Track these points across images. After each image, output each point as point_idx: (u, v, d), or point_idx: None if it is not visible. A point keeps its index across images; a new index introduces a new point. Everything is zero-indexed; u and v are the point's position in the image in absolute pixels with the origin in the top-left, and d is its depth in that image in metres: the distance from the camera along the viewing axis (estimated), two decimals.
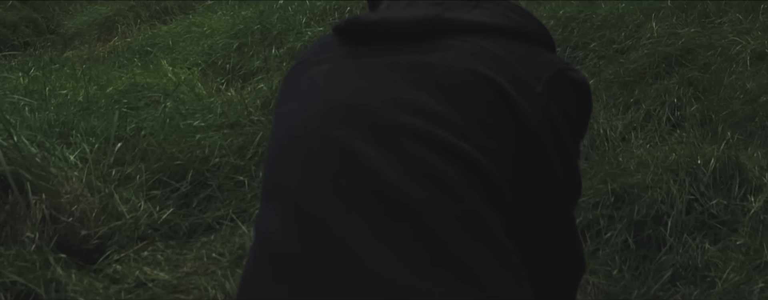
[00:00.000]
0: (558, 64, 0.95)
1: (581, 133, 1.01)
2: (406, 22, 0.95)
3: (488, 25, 0.95)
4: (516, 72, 0.90)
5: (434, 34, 0.94)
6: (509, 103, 0.88)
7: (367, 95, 0.91)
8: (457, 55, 0.91)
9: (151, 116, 3.02)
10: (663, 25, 3.64)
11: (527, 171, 0.90)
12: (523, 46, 0.94)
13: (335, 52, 1.01)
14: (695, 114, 3.05)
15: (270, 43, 3.97)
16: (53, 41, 5.94)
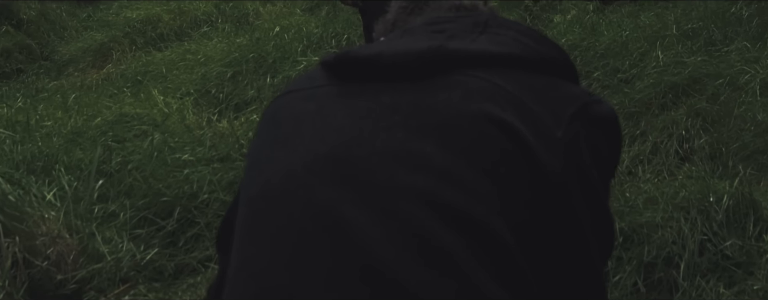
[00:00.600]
0: (580, 97, 0.82)
1: (612, 171, 0.88)
2: (404, 55, 0.84)
3: (498, 55, 0.84)
4: (533, 113, 0.78)
5: (437, 68, 0.83)
6: (526, 152, 0.76)
7: (360, 145, 0.79)
8: (464, 94, 0.80)
9: (139, 149, 2.90)
10: (668, 54, 3.54)
11: (549, 229, 0.77)
12: (539, 79, 0.83)
13: (324, 88, 0.90)
14: (704, 147, 2.93)
15: (265, 72, 3.87)
16: (47, 68, 5.83)
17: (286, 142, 0.85)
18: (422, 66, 0.83)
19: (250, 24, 5.57)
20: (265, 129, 0.92)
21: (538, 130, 0.77)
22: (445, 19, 0.93)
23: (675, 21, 3.97)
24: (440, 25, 0.90)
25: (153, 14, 5.84)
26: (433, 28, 0.90)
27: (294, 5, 6.00)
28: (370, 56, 0.87)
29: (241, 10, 5.84)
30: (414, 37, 0.90)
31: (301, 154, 0.82)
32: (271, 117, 0.92)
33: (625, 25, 4.05)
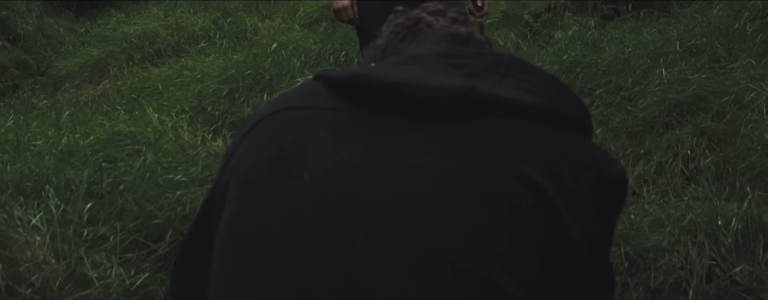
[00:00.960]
0: (599, 160, 0.82)
1: (615, 224, 0.88)
2: (436, 91, 0.78)
3: (530, 106, 0.80)
4: (561, 176, 0.76)
5: (467, 111, 0.79)
6: (553, 216, 0.74)
7: (382, 190, 0.73)
8: (500, 148, 0.76)
9: (131, 169, 2.83)
10: (672, 71, 3.48)
11: (557, 287, 0.75)
12: (566, 137, 0.81)
13: (335, 113, 0.83)
14: (710, 167, 2.86)
15: (262, 89, 3.81)
16: (43, 84, 5.78)
17: (293, 174, 0.78)
18: (452, 106, 0.79)
19: (248, 40, 5.52)
20: (263, 146, 0.83)
21: (564, 196, 0.75)
22: (462, 54, 0.87)
23: (678, 37, 3.91)
24: (458, 59, 0.85)
25: (150, 30, 5.80)
26: (449, 61, 0.84)
27: (293, 21, 5.96)
28: (394, 85, 0.81)
29: (240, 25, 5.80)
30: (427, 66, 0.83)
31: (312, 195, 0.74)
32: (271, 134, 0.83)
33: (627, 42, 3.99)
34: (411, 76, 0.82)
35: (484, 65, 0.84)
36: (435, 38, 1.00)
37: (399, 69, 0.85)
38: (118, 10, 7.39)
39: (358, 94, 0.83)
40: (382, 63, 0.92)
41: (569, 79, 3.69)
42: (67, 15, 7.32)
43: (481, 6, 2.78)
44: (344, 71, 0.89)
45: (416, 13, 1.05)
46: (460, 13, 1.06)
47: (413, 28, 1.03)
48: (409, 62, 0.87)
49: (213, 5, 6.53)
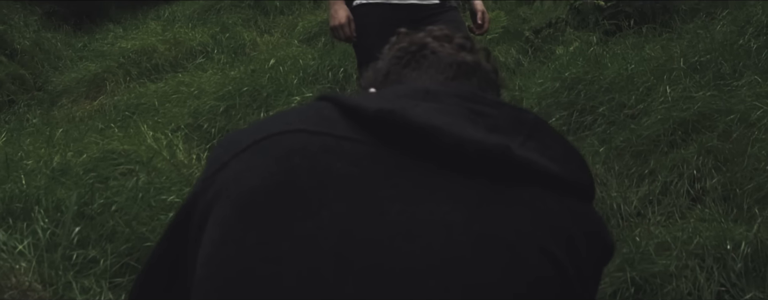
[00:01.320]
0: (603, 231, 0.82)
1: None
2: (471, 144, 0.74)
3: (554, 176, 0.77)
4: (576, 248, 0.76)
5: (496, 170, 0.75)
6: (568, 289, 0.74)
7: (412, 249, 0.67)
8: (529, 220, 0.73)
9: (124, 189, 2.76)
10: (676, 88, 3.42)
11: None
12: (581, 208, 0.80)
13: (352, 143, 0.75)
14: (717, 187, 2.79)
15: (259, 106, 3.75)
16: (39, 99, 5.73)
17: (309, 210, 0.69)
18: (482, 161, 0.74)
19: (246, 55, 5.47)
20: (269, 168, 0.74)
21: (576, 266, 0.75)
22: (482, 100, 0.82)
23: (681, 53, 3.85)
24: (478, 105, 0.80)
25: (148, 44, 5.76)
26: (469, 106, 0.79)
27: (291, 36, 5.92)
28: (425, 129, 0.75)
29: (238, 40, 5.75)
30: (446, 108, 0.78)
31: (331, 238, 0.67)
32: (280, 156, 0.75)
33: (629, 58, 3.93)
34: (442, 121, 0.76)
35: (507, 119, 0.79)
36: (440, 66, 0.94)
37: (422, 108, 0.78)
38: (117, 25, 7.37)
39: (381, 129, 0.76)
40: (390, 92, 0.84)
41: (571, 96, 3.64)
42: (65, 29, 7.28)
43: (481, 23, 2.72)
44: (362, 100, 0.80)
45: (421, 37, 0.99)
46: (466, 39, 1.00)
47: (417, 54, 0.97)
48: (424, 98, 0.80)
49: (211, 20, 6.50)
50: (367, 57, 2.71)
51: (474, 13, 2.77)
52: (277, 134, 0.77)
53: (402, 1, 2.66)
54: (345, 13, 2.59)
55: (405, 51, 0.98)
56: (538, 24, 5.22)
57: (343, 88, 3.99)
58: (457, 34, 1.01)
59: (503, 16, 4.99)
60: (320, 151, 0.74)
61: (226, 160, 0.78)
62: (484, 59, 0.99)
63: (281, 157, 0.75)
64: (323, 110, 0.81)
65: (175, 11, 7.15)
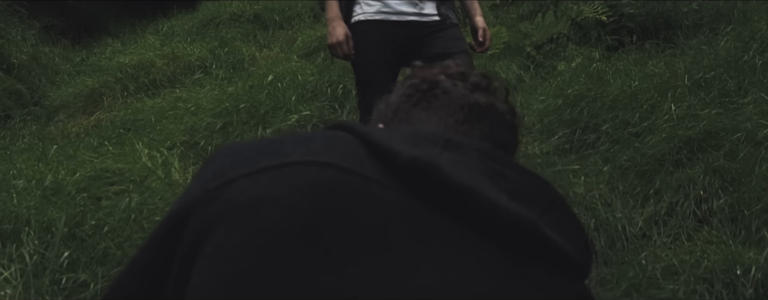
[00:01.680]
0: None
1: None
2: (504, 212, 0.69)
3: (569, 257, 0.73)
4: None
5: (521, 242, 0.70)
6: None
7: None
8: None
9: (116, 210, 2.69)
10: (680, 106, 3.36)
11: None
12: (584, 291, 0.76)
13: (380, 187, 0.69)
14: (724, 208, 2.72)
15: (256, 123, 3.69)
16: (36, 114, 5.67)
17: (334, 264, 0.64)
18: (508, 231, 0.70)
19: (245, 70, 5.43)
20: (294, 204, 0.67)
21: None
22: (505, 162, 0.77)
23: (685, 70, 3.79)
24: (501, 168, 0.75)
25: (146, 59, 5.71)
26: (491, 166, 0.74)
27: (291, 50, 5.87)
28: (463, 188, 0.70)
29: (237, 55, 5.71)
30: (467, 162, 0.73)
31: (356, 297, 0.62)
32: (307, 193, 0.67)
33: (633, 74, 3.88)
34: (473, 181, 0.71)
35: (528, 189, 0.74)
36: (450, 108, 0.89)
37: (448, 160, 0.72)
38: (115, 39, 7.34)
39: (412, 179, 0.70)
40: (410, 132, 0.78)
41: (574, 114, 3.58)
42: (64, 44, 7.25)
43: (482, 41, 2.66)
44: (389, 140, 0.74)
45: (434, 74, 0.93)
46: (482, 77, 0.93)
47: (428, 94, 0.91)
48: (446, 147, 0.75)
49: (210, 35, 6.46)
50: (366, 75, 2.67)
51: (475, 30, 2.70)
52: (303, 164, 0.70)
53: (401, 17, 2.60)
54: (343, 30, 2.53)
55: (416, 88, 0.93)
56: (540, 39, 5.17)
57: (341, 105, 3.94)
58: (473, 72, 0.95)
59: (504, 31, 4.94)
60: (351, 194, 0.68)
61: (234, 177, 0.70)
62: (500, 100, 0.93)
63: (309, 193, 0.68)
64: (348, 144, 0.75)
65: (173, 26, 7.12)
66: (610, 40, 4.73)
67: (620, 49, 4.64)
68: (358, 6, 2.63)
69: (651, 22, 4.86)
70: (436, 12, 2.64)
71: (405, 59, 2.67)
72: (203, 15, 7.09)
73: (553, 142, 3.46)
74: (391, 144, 0.72)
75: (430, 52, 2.59)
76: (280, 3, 7.00)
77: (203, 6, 7.54)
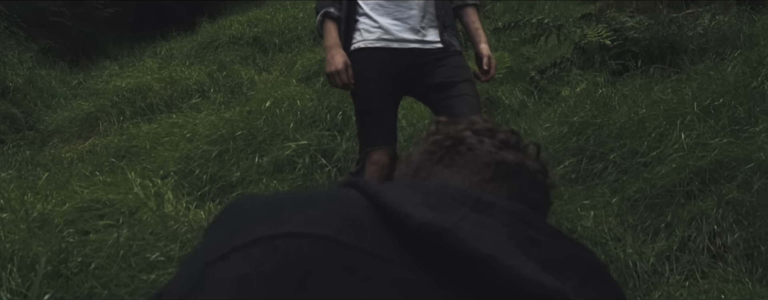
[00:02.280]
0: None
1: None
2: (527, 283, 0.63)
3: None
4: None
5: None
6: None
7: None
8: None
9: (104, 245, 2.58)
10: (690, 134, 3.26)
11: None
12: None
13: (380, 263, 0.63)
14: (739, 243, 2.61)
15: (253, 151, 3.59)
16: (31, 138, 5.58)
17: None
18: None
19: (243, 94, 5.34)
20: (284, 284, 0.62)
21: None
22: (541, 227, 0.71)
23: (693, 96, 3.70)
24: (535, 233, 0.69)
25: (143, 83, 5.63)
26: (523, 230, 0.69)
27: (290, 74, 5.79)
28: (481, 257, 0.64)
29: (235, 79, 5.63)
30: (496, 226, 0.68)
31: None
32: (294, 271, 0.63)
33: (639, 101, 3.78)
34: (495, 247, 0.64)
35: (563, 256, 0.68)
36: (476, 166, 0.83)
37: (471, 222, 0.66)
38: (113, 62, 7.27)
39: (422, 247, 0.64)
40: (437, 189, 0.71)
41: (580, 142, 3.48)
42: (61, 66, 7.18)
43: (487, 69, 2.56)
44: (403, 200, 0.67)
45: (459, 130, 0.88)
46: (511, 134, 0.87)
47: (451, 150, 0.85)
48: (474, 207, 0.68)
49: (209, 58, 6.39)
50: (366, 105, 2.56)
51: (480, 58, 2.60)
52: (296, 236, 0.65)
53: (403, 45, 2.50)
54: (342, 58, 2.43)
55: (439, 145, 0.87)
56: (543, 63, 5.10)
57: (341, 132, 3.84)
58: (502, 128, 0.89)
59: (507, 56, 4.86)
60: (343, 271, 0.62)
61: (229, 250, 0.66)
62: (531, 158, 0.85)
63: (297, 271, 0.63)
64: (353, 207, 0.69)
65: (172, 48, 7.06)
66: (614, 65, 4.64)
67: (625, 73, 4.56)
68: (358, 33, 2.53)
69: (656, 46, 4.78)
70: (439, 39, 2.54)
71: (407, 88, 2.57)
72: (202, 38, 7.03)
73: (559, 172, 3.36)
74: (403, 207, 0.66)
75: (433, 81, 2.49)
76: (279, 26, 6.95)
77: (202, 28, 7.49)
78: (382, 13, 2.49)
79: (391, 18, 2.48)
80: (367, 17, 2.50)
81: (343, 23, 2.52)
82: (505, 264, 0.62)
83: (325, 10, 2.50)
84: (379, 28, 2.49)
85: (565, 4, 6.55)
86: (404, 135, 3.95)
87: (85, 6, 7.80)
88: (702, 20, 4.95)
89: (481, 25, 2.69)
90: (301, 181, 3.18)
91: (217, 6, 8.58)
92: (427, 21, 2.53)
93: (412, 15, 2.49)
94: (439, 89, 2.47)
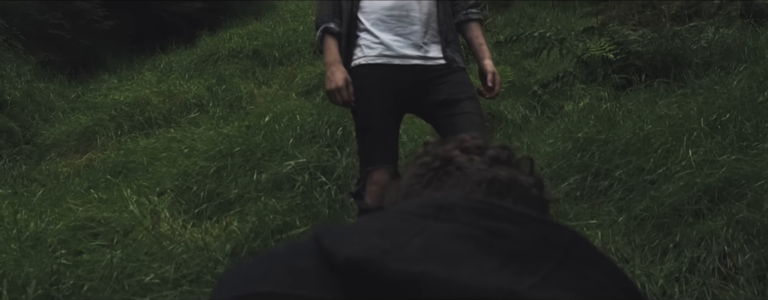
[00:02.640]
0: None
1: None
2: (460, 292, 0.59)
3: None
4: None
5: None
6: None
7: None
8: None
9: (99, 265, 2.51)
10: (697, 151, 3.19)
11: None
12: None
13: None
14: (750, 264, 2.53)
15: (252, 168, 3.52)
16: (27, 153, 5.51)
17: None
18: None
19: (242, 108, 5.29)
20: None
21: None
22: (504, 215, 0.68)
23: (699, 111, 3.64)
24: (500, 224, 0.67)
25: (141, 97, 5.58)
26: (487, 227, 0.66)
27: (290, 87, 5.74)
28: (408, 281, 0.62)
29: (234, 93, 5.57)
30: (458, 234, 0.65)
31: None
32: None
33: (644, 116, 3.72)
34: (436, 263, 0.61)
35: (533, 241, 0.64)
36: (467, 186, 0.80)
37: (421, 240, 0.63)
38: (112, 75, 7.22)
39: (352, 282, 0.63)
40: (396, 214, 0.71)
41: (584, 159, 3.41)
42: (59, 79, 7.12)
43: (492, 86, 2.50)
44: (343, 237, 0.66)
45: (447, 150, 0.84)
46: (502, 149, 0.83)
47: (440, 171, 0.82)
48: (436, 216, 0.66)
49: (208, 71, 6.34)
50: (367, 123, 2.50)
51: (484, 75, 2.54)
52: (244, 297, 0.65)
53: (405, 61, 2.44)
54: (342, 75, 2.37)
55: (427, 167, 0.83)
56: (545, 77, 5.04)
57: (341, 147, 3.78)
58: (491, 144, 0.85)
59: (509, 70, 4.81)
60: None
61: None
62: (524, 172, 0.81)
63: None
64: (301, 259, 0.68)
65: (171, 61, 7.01)
66: (617, 79, 4.58)
67: (628, 87, 4.50)
68: (359, 49, 2.48)
69: (659, 59, 4.72)
70: (442, 55, 2.49)
71: (409, 105, 2.51)
72: (202, 51, 6.98)
73: (563, 189, 3.29)
74: (335, 244, 0.66)
75: (435, 98, 2.43)
76: (279, 39, 6.90)
77: (202, 41, 7.45)
78: (384, 28, 2.43)
79: (393, 34, 2.43)
80: (368, 33, 2.45)
81: (343, 39, 2.47)
82: (434, 278, 0.59)
83: (325, 26, 2.44)
84: (380, 44, 2.43)
85: (567, 17, 6.51)
86: (405, 150, 3.89)
87: (85, 19, 7.76)
88: (706, 33, 4.90)
89: (485, 40, 2.64)
90: (300, 199, 3.12)
91: (217, 19, 8.54)
92: (429, 37, 2.47)
93: (414, 31, 2.43)
94: (442, 107, 2.40)
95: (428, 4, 2.48)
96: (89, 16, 7.77)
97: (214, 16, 8.62)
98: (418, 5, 2.45)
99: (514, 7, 7.22)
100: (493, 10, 7.17)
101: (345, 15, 2.47)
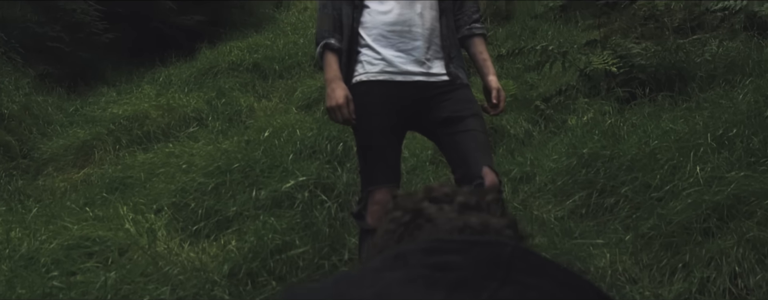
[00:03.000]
0: None
1: None
2: None
3: None
4: None
5: None
6: None
7: None
8: None
9: (93, 287, 2.45)
10: (705, 167, 3.13)
11: None
12: None
13: None
14: (761, 285, 2.47)
15: (251, 184, 3.46)
16: (24, 167, 5.44)
17: None
18: None
19: (242, 122, 5.23)
20: None
21: None
22: (449, 246, 0.69)
23: (705, 126, 3.58)
24: (444, 258, 0.67)
25: (140, 110, 5.52)
26: (433, 263, 0.67)
27: (290, 101, 5.68)
28: None
29: (234, 106, 5.52)
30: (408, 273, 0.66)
31: None
32: None
33: (650, 131, 3.66)
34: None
35: (475, 266, 0.64)
36: (439, 236, 0.79)
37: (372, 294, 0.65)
38: (111, 88, 7.16)
39: None
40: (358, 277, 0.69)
41: (589, 175, 3.35)
42: (58, 92, 7.06)
43: (496, 103, 2.44)
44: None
45: (416, 202, 0.83)
46: (470, 196, 0.82)
47: (411, 225, 0.80)
48: (393, 267, 0.67)
49: (208, 84, 6.29)
50: (368, 141, 2.44)
51: (488, 91, 2.48)
52: None
53: (407, 77, 2.38)
54: (343, 92, 2.31)
55: (397, 222, 0.82)
56: (548, 91, 4.99)
57: (341, 163, 3.72)
58: (460, 190, 0.83)
59: (511, 84, 4.76)
60: None
61: None
62: (495, 215, 0.78)
63: None
64: None
65: (171, 75, 6.96)
66: (621, 92, 4.53)
67: (632, 101, 4.45)
68: (360, 65, 2.42)
69: (663, 73, 4.67)
70: (445, 71, 2.43)
71: (411, 123, 2.46)
72: (201, 64, 6.94)
73: (568, 206, 3.23)
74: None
75: (439, 116, 2.37)
76: (280, 52, 6.86)
77: (202, 55, 7.40)
78: (386, 44, 2.38)
79: (395, 49, 2.37)
80: (370, 49, 2.39)
81: (344, 55, 2.41)
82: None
83: (325, 42, 2.39)
84: (382, 60, 2.37)
85: (569, 30, 6.47)
86: (407, 166, 3.84)
87: (84, 32, 7.71)
88: (709, 47, 4.85)
89: (489, 56, 2.58)
90: (300, 218, 3.05)
91: (217, 32, 8.51)
92: (432, 52, 2.42)
93: (416, 46, 2.38)
94: (445, 124, 2.35)
95: (431, 20, 2.42)
96: (89, 28, 7.72)
97: (214, 29, 8.59)
98: (420, 20, 2.40)
99: (515, 19, 7.19)
100: (495, 22, 7.13)
101: (346, 30, 2.42)
